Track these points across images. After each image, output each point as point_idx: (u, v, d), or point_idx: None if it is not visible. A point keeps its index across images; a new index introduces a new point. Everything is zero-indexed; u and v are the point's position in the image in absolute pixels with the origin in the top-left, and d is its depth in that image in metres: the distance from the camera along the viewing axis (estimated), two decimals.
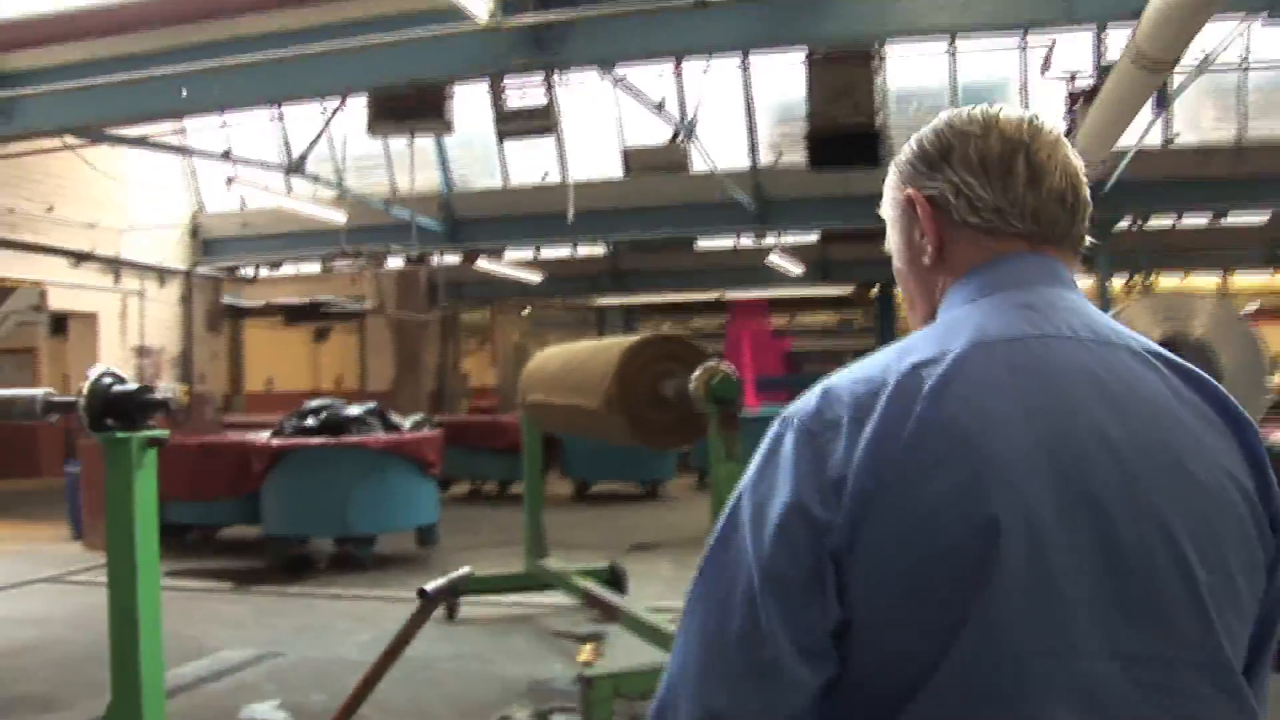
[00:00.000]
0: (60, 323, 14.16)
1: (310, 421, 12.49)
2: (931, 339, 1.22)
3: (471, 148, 14.86)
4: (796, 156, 13.12)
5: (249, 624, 9.36)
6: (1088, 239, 1.35)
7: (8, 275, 11.90)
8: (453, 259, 17.94)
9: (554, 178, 13.64)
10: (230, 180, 10.42)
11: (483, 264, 17.09)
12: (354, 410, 12.58)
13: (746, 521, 1.18)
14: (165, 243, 14.54)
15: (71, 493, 14.32)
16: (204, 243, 15.23)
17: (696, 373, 6.01)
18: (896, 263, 1.42)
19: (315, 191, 13.89)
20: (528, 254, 19.49)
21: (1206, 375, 1.26)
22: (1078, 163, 1.34)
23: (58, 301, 12.75)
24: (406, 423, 13.00)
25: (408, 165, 13.93)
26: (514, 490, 15.76)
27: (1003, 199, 1.29)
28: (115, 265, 13.51)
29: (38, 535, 14.95)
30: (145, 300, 14.18)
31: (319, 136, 10.74)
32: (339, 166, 14.15)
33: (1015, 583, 1.09)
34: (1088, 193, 1.33)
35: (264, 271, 19.06)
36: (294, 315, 22.16)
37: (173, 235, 14.76)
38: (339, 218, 12.74)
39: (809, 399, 1.22)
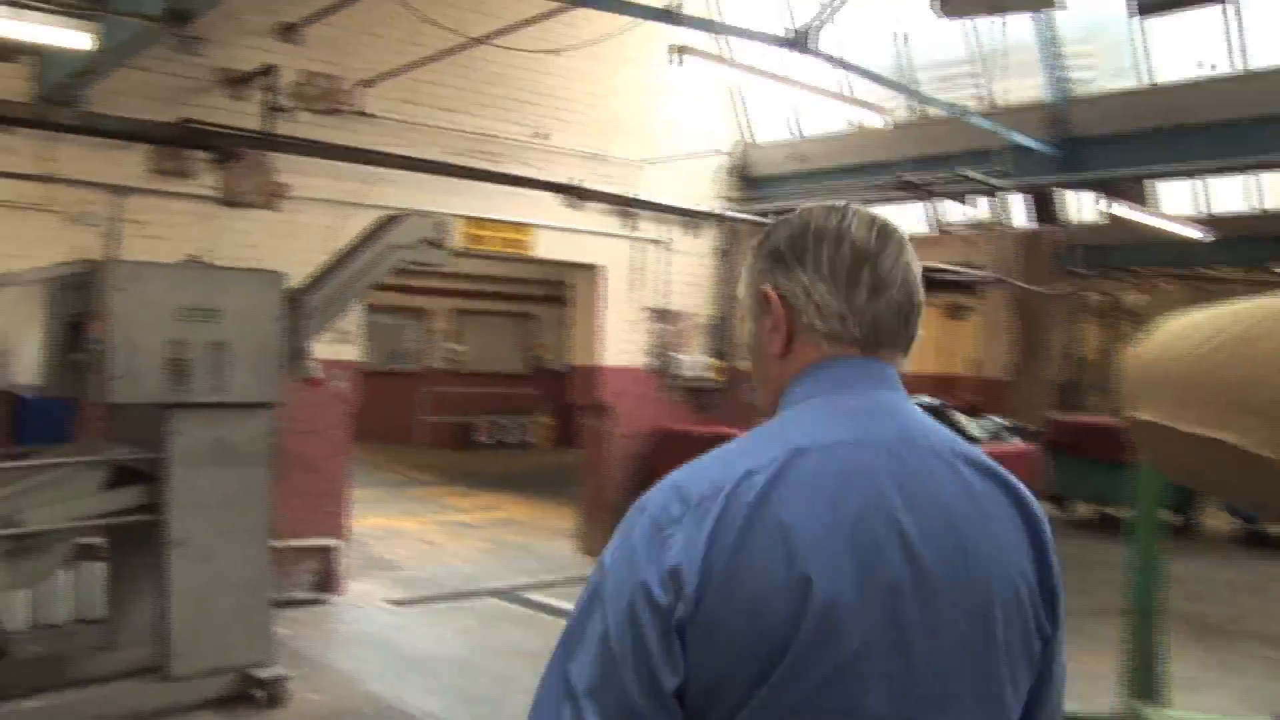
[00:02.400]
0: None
1: None
2: (764, 442, 1.41)
3: (1094, 38, 10.44)
4: None
5: None
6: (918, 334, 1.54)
7: (487, 215, 9.74)
8: (1084, 211, 13.55)
9: (1223, 68, 9.08)
10: (679, 52, 7.10)
11: (1124, 212, 12.43)
12: None
13: (607, 596, 1.35)
14: (695, 180, 11.80)
15: None
16: (747, 181, 12.30)
17: None
18: (749, 343, 1.61)
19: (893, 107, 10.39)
20: (1185, 207, 14.51)
21: (1002, 470, 1.48)
22: (916, 267, 1.52)
23: (548, 249, 10.46)
24: (978, 429, 9.08)
25: (997, 70, 9.98)
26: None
27: (846, 307, 1.49)
28: (628, 206, 10.93)
29: (556, 525, 13.00)
30: (670, 252, 11.51)
31: None
32: (905, 64, 10.50)
33: (816, 653, 1.29)
34: (922, 295, 1.52)
35: None
36: None
37: (704, 171, 11.97)
38: (875, 122, 9.11)
39: (662, 491, 1.39)
